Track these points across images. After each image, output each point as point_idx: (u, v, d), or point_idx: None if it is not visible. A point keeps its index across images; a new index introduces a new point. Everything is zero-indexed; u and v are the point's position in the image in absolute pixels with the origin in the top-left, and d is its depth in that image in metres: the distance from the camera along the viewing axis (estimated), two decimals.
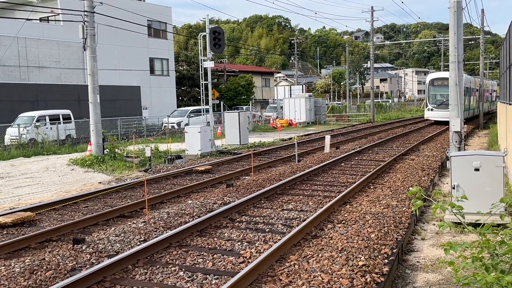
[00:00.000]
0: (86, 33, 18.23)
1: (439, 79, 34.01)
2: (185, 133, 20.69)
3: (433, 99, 34.25)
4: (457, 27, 14.43)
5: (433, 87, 34.39)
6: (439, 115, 33.37)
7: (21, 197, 12.29)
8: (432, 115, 34.18)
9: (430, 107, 34.15)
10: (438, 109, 33.25)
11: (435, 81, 34.21)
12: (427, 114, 34.72)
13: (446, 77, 33.71)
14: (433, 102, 34.01)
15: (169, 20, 45.25)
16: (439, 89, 33.79)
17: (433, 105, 33.82)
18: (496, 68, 77.85)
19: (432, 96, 34.43)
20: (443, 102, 32.39)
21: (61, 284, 5.53)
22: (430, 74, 37.97)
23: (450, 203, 3.89)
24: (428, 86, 34.83)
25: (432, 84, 34.39)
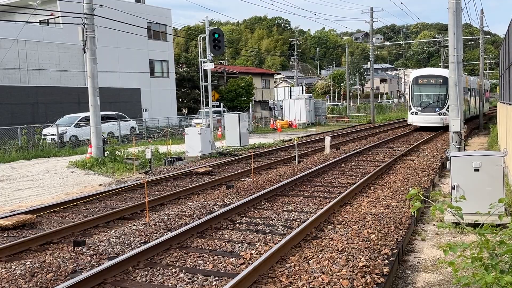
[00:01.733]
0: (86, 35, 18.26)
1: (424, 77, 30.06)
2: (185, 135, 20.70)
3: (417, 101, 30.07)
4: (457, 28, 14.45)
5: (417, 87, 30.12)
6: (424, 120, 29.37)
7: (22, 200, 12.31)
8: (417, 119, 29.86)
9: (414, 110, 29.83)
10: (424, 112, 29.26)
11: (419, 79, 30.00)
12: (411, 118, 30.27)
13: (432, 74, 29.48)
14: (418, 104, 29.83)
15: (169, 22, 45.29)
16: (424, 89, 29.88)
17: (418, 108, 29.66)
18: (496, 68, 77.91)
19: (416, 97, 30.26)
20: (429, 104, 29.38)
21: (62, 286, 5.54)
22: (413, 71, 32.93)
23: (449, 204, 3.90)
24: (411, 85, 30.48)
25: (416, 83, 30.11)
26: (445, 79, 25.40)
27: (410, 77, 31.34)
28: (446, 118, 25.71)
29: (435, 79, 29.26)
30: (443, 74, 28.39)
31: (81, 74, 34.81)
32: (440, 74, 29.51)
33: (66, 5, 28.10)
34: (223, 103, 45.76)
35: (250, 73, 60.78)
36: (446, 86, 25.93)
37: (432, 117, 28.72)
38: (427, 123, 29.10)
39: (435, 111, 28.63)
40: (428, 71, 31.48)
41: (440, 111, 28.49)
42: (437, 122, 28.75)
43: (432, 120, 28.81)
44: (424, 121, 29.31)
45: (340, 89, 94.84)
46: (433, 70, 31.80)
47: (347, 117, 53.40)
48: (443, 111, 27.96)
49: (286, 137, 29.24)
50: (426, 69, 34.83)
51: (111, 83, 36.00)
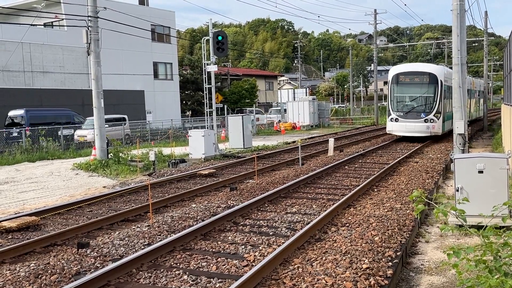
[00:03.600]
0: (90, 38, 18.32)
1: (407, 74, 24.13)
2: (188, 137, 20.74)
3: (398, 104, 24.16)
4: (460, 30, 14.44)
5: (398, 86, 24.17)
6: (407, 128, 23.50)
7: (26, 202, 12.34)
8: (397, 128, 23.85)
9: (393, 116, 23.89)
10: (406, 119, 23.45)
11: (400, 77, 24.06)
12: (390, 126, 24.22)
13: (417, 70, 24.14)
14: (398, 109, 23.93)
15: (173, 24, 45.42)
16: (406, 89, 24.16)
17: (398, 113, 23.70)
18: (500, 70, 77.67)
19: (396, 100, 24.28)
20: (412, 108, 23.62)
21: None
22: (393, 67, 26.27)
23: (452, 207, 3.89)
24: (391, 85, 24.38)
25: (397, 81, 24.14)
26: (433, 76, 23.29)
27: (389, 74, 24.86)
28: (434, 126, 23.01)
29: (420, 77, 23.74)
30: (429, 71, 23.87)
31: (85, 76, 34.90)
32: (426, 70, 24.03)
33: (71, 8, 28.22)
34: (226, 105, 45.80)
35: (254, 75, 60.88)
36: (434, 85, 22.94)
37: (417, 125, 23.26)
38: (410, 132, 23.58)
39: (420, 117, 23.25)
40: (411, 67, 25.33)
41: (427, 117, 23.11)
42: (422, 131, 23.32)
43: (417, 129, 23.33)
44: (406, 130, 23.63)
45: (344, 91, 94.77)
46: (417, 66, 25.83)
47: (351, 119, 53.35)
48: (431, 117, 23.07)
49: (290, 139, 29.24)
50: (409, 64, 27.60)
51: (115, 85, 36.10)
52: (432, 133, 23.05)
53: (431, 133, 23.11)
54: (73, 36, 32.07)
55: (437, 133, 23.18)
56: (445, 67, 25.97)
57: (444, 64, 28.32)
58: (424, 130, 23.14)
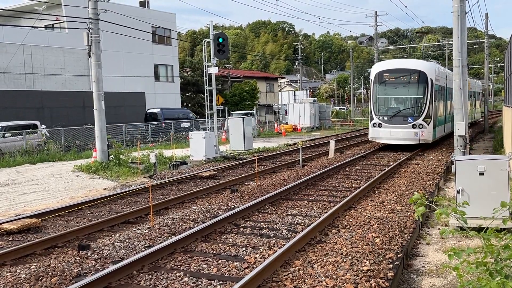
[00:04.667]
0: (91, 40, 18.34)
1: (392, 72, 21.04)
2: (189, 139, 20.76)
3: (381, 107, 21.19)
4: (461, 31, 14.44)
5: (382, 86, 21.19)
6: (392, 135, 20.47)
7: (27, 204, 12.35)
8: (381, 134, 20.79)
9: (376, 121, 20.82)
10: (391, 124, 20.40)
11: (384, 75, 21.08)
12: (372, 132, 21.13)
13: (404, 68, 20.87)
14: (382, 112, 20.92)
15: (173, 26, 45.43)
16: (391, 89, 21.24)
17: (382, 118, 20.69)
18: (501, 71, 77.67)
19: (380, 102, 21.24)
20: (398, 111, 20.58)
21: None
22: (377, 64, 23.21)
23: (453, 208, 3.89)
24: (374, 84, 21.36)
25: (380, 80, 21.14)
26: (422, 75, 20.25)
27: (372, 71, 21.99)
28: (423, 132, 19.93)
29: (408, 75, 20.65)
30: (418, 68, 20.60)
31: (86, 78, 34.91)
32: (414, 67, 20.80)
33: (71, 10, 28.25)
34: (227, 107, 45.82)
35: (255, 77, 60.87)
36: (424, 84, 20.16)
37: (403, 131, 20.12)
38: (395, 139, 20.41)
39: (407, 121, 20.15)
40: (396, 64, 21.96)
41: (415, 121, 20.01)
42: (409, 138, 20.19)
43: (403, 135, 20.17)
44: (391, 137, 20.46)
45: (345, 93, 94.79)
46: (404, 62, 22.76)
47: (352, 121, 53.35)
48: (419, 122, 19.97)
49: (291, 141, 29.24)
50: (395, 60, 23.94)
51: (116, 87, 36.11)
52: (421, 140, 20.07)
53: (420, 141, 20.11)
54: (74, 38, 32.08)
55: (427, 141, 20.34)
56: (436, 64, 22.81)
57: (435, 61, 24.49)
58: (411, 137, 20.12)
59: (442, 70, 23.21)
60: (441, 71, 22.57)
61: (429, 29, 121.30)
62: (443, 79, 22.68)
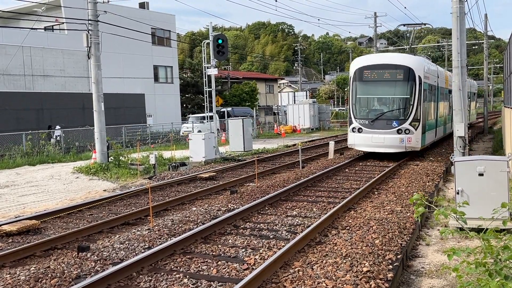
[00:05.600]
0: (91, 41, 18.35)
1: (374, 68, 18.04)
2: (189, 140, 20.76)
3: (362, 109, 18.39)
4: (460, 32, 14.45)
5: (362, 85, 18.27)
6: (373, 142, 17.56)
7: (26, 205, 12.34)
8: (361, 141, 17.93)
9: (356, 125, 17.94)
10: (373, 128, 17.54)
11: (365, 72, 18.16)
12: (352, 138, 18.23)
13: (387, 63, 17.97)
14: (363, 115, 18.06)
15: (173, 28, 45.45)
16: (373, 88, 18.29)
17: (363, 121, 17.82)
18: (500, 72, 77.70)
19: (359, 103, 18.44)
20: (382, 114, 17.73)
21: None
22: (356, 59, 19.74)
23: (452, 209, 3.89)
24: (353, 82, 18.45)
25: (360, 78, 18.22)
26: (409, 71, 17.40)
27: (351, 68, 18.88)
28: (410, 138, 17.10)
29: (392, 72, 17.74)
30: (404, 63, 17.71)
31: (86, 80, 34.92)
32: (400, 62, 17.89)
33: (71, 12, 28.24)
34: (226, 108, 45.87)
35: (254, 78, 60.88)
36: (411, 83, 17.35)
37: (387, 137, 17.26)
38: (378, 146, 17.56)
39: (391, 126, 17.31)
40: (379, 59, 18.80)
41: (401, 126, 17.20)
42: (394, 145, 17.33)
43: (387, 142, 17.32)
44: (372, 144, 17.62)
45: (344, 94, 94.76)
46: (388, 57, 19.43)
47: None
48: (406, 127, 17.15)
49: (290, 142, 29.24)
50: (377, 55, 21.12)
51: (115, 88, 36.11)
52: (408, 148, 17.30)
53: (407, 148, 17.32)
54: (74, 40, 32.10)
55: (415, 148, 17.54)
56: (425, 60, 20.28)
57: (424, 56, 22.12)
58: (396, 144, 17.26)
59: (432, 67, 20.70)
60: (431, 68, 20.07)
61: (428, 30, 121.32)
62: (434, 77, 20.22)
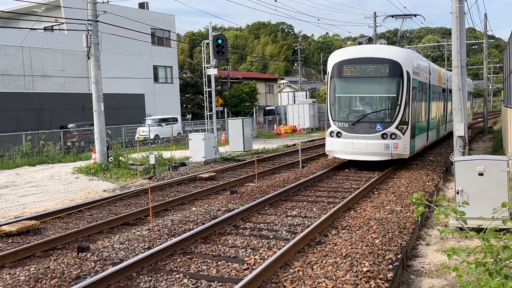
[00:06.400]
0: (90, 41, 18.34)
1: (354, 62, 15.59)
2: (189, 140, 20.76)
3: (341, 110, 16.12)
4: (460, 32, 14.44)
5: (341, 82, 15.97)
6: (354, 148, 15.22)
7: (26, 206, 12.33)
8: (340, 147, 15.56)
9: (334, 129, 15.63)
10: (353, 133, 15.22)
11: (344, 67, 15.66)
12: (330, 144, 15.91)
13: (370, 56, 15.55)
14: (342, 118, 15.78)
15: (173, 28, 45.44)
16: (354, 86, 16.00)
17: (342, 124, 15.49)
18: (500, 72, 77.72)
19: (338, 104, 16.12)
20: (364, 115, 15.37)
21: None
22: (335, 52, 16.90)
23: (453, 209, 3.89)
24: (331, 80, 16.01)
25: (339, 74, 15.81)
26: (395, 66, 15.05)
27: (329, 62, 16.24)
28: (397, 144, 14.78)
29: (376, 67, 15.41)
30: (390, 57, 15.34)
31: (86, 80, 34.91)
32: (385, 56, 15.50)
33: (71, 12, 28.24)
34: (226, 108, 45.85)
35: (254, 78, 60.85)
36: (398, 79, 15.03)
37: (370, 143, 14.93)
38: (359, 153, 15.24)
39: (375, 130, 15.02)
40: (362, 51, 16.16)
41: (386, 129, 14.91)
42: (378, 153, 15.02)
43: (370, 149, 14.98)
44: (353, 151, 15.29)
45: None
46: (371, 50, 16.41)
47: None
48: (392, 130, 14.86)
49: (290, 142, 29.23)
50: (359, 47, 17.50)
51: (115, 89, 36.10)
52: (395, 155, 14.91)
53: (393, 156, 14.92)
54: (73, 40, 32.09)
55: (403, 156, 15.15)
56: (415, 53, 17.88)
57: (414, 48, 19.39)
58: (381, 151, 14.90)
59: (423, 63, 18.07)
60: (422, 63, 17.59)
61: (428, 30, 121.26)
62: (425, 74, 17.73)
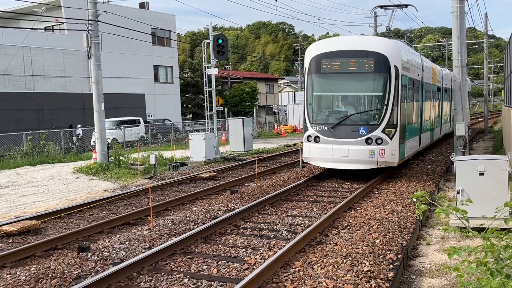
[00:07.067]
0: (91, 41, 18.33)
1: (335, 56, 13.51)
2: (189, 140, 20.76)
3: (320, 111, 14.11)
4: (460, 32, 14.44)
5: (320, 79, 13.96)
6: (335, 155, 13.16)
7: (27, 206, 12.33)
8: (318, 153, 13.48)
9: (312, 133, 13.54)
10: (333, 137, 13.18)
11: (323, 62, 13.57)
12: (307, 150, 13.74)
13: (352, 49, 13.44)
14: (321, 120, 13.74)
15: (173, 28, 45.44)
16: (334, 83, 13.93)
17: (320, 127, 13.45)
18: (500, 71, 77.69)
19: (316, 104, 14.12)
20: (345, 117, 13.28)
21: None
22: (313, 44, 14.44)
23: (454, 207, 3.88)
24: (308, 76, 13.91)
25: (318, 70, 13.73)
26: (382, 60, 13.02)
27: (306, 55, 14.13)
28: (384, 150, 12.75)
29: (360, 61, 13.30)
30: (376, 50, 13.22)
31: (86, 80, 34.92)
32: (370, 48, 13.34)
33: (71, 12, 28.25)
34: (227, 108, 45.86)
35: (254, 78, 60.85)
36: (385, 75, 13.00)
37: (352, 149, 12.92)
38: (340, 161, 13.18)
39: (358, 134, 13.01)
40: (342, 44, 14.00)
41: (371, 133, 12.90)
42: (362, 161, 13.03)
43: (352, 156, 12.96)
44: (333, 158, 13.19)
45: None
46: (353, 42, 14.05)
47: None
48: (378, 134, 12.88)
49: (290, 142, 29.23)
50: (340, 39, 15.72)
51: (115, 89, 36.11)
52: (381, 163, 12.94)
53: (379, 164, 12.95)
54: (74, 40, 32.08)
55: (390, 164, 13.14)
56: (404, 45, 15.62)
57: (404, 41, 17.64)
58: (365, 159, 12.94)
59: (415, 57, 15.92)
60: (413, 57, 15.45)
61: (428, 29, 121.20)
62: (417, 70, 15.65)
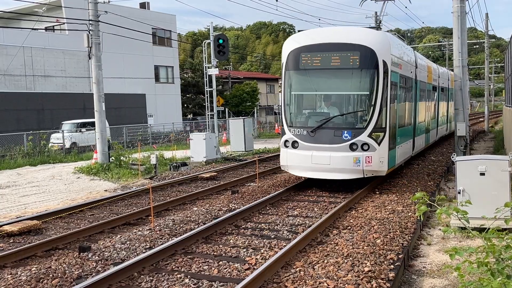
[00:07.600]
0: (91, 41, 18.34)
1: (315, 49, 11.90)
2: (190, 140, 20.76)
3: (298, 113, 12.66)
4: (461, 32, 14.44)
5: (299, 76, 12.45)
6: (315, 163, 11.49)
7: (28, 206, 12.34)
8: (297, 161, 11.77)
9: (289, 137, 11.93)
10: (314, 142, 11.55)
11: (303, 56, 11.97)
12: (284, 156, 12.09)
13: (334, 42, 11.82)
14: (299, 123, 12.23)
15: (174, 28, 45.45)
16: (314, 81, 12.19)
17: (299, 131, 11.83)
18: (501, 72, 77.62)
19: (295, 104, 12.65)
20: (327, 120, 11.65)
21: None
22: (290, 38, 12.95)
23: (455, 208, 3.88)
24: (285, 73, 12.45)
25: (296, 66, 12.18)
26: (368, 54, 11.46)
27: (284, 50, 12.67)
28: (371, 157, 11.25)
29: (344, 55, 11.74)
30: (362, 42, 11.64)
31: (87, 80, 34.95)
32: (354, 41, 11.76)
33: (72, 12, 28.27)
34: (227, 108, 45.86)
35: (255, 78, 60.84)
36: (373, 71, 11.47)
37: (334, 156, 11.37)
38: (321, 170, 11.57)
39: (341, 138, 11.45)
40: (324, 36, 12.25)
41: (356, 138, 11.37)
42: (345, 169, 11.48)
43: (334, 164, 11.40)
44: (313, 166, 11.59)
45: None
46: (336, 33, 12.43)
47: None
48: (364, 139, 11.32)
49: None
50: (321, 31, 13.64)
51: (116, 89, 36.13)
52: (367, 172, 11.42)
53: (365, 173, 11.44)
54: (75, 40, 32.11)
55: (378, 172, 11.66)
56: (394, 38, 13.76)
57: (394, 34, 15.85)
58: (349, 167, 11.40)
59: (407, 52, 14.32)
60: (405, 52, 13.84)
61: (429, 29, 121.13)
62: (410, 66, 14.13)
